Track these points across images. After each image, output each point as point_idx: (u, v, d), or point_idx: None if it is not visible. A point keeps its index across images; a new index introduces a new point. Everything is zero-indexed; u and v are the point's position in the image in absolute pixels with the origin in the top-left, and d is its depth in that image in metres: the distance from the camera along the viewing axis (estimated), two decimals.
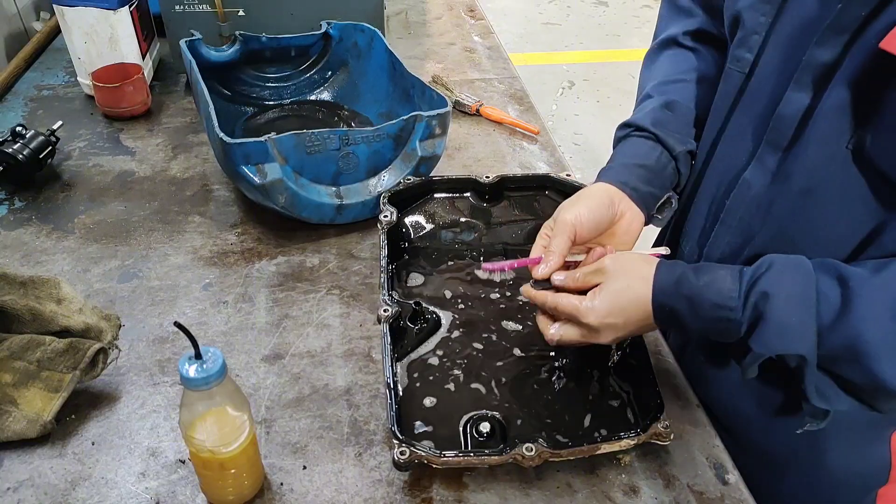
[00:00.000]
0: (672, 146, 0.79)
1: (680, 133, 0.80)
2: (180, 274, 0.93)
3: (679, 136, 0.80)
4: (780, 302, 0.59)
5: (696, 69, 0.83)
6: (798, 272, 0.60)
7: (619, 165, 0.79)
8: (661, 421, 0.67)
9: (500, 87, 1.43)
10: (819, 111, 0.62)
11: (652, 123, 0.80)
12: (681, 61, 0.84)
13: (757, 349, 0.60)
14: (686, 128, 0.81)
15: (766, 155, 0.67)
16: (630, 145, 0.81)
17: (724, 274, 0.63)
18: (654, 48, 0.88)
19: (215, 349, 0.58)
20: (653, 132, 0.79)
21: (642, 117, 0.81)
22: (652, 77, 0.86)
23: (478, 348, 0.80)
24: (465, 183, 0.96)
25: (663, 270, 0.66)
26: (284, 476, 0.69)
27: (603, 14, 4.32)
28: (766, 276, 0.60)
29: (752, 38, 0.68)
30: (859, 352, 0.56)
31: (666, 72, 0.85)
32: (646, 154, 0.79)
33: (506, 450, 0.65)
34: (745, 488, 0.70)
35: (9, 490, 0.67)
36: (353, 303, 0.89)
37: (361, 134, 0.95)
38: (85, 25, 1.23)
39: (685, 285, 0.64)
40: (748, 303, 0.60)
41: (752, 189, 0.69)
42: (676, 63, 0.84)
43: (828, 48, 0.59)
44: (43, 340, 0.74)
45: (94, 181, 1.10)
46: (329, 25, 1.23)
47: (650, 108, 0.81)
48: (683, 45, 0.84)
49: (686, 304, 0.63)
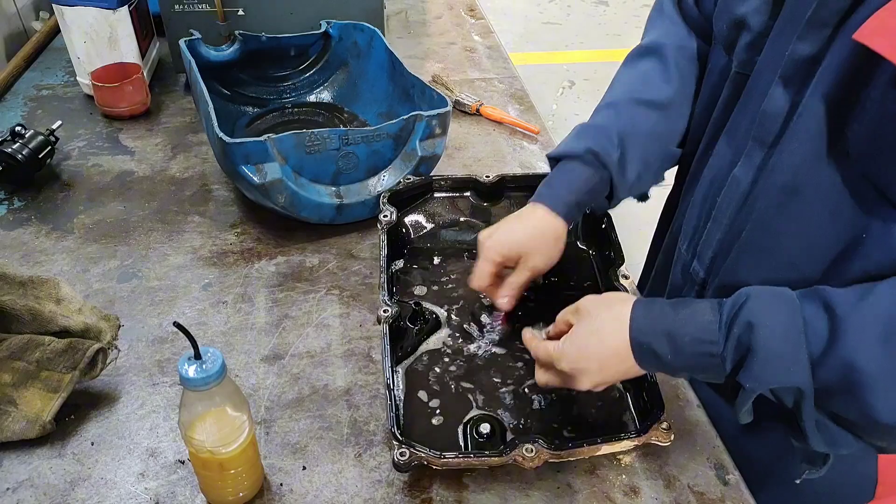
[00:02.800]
0: (616, 189, 0.80)
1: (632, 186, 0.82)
2: (180, 274, 0.93)
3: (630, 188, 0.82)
4: (766, 331, 0.56)
5: (663, 90, 0.82)
6: (780, 301, 0.58)
7: (575, 205, 0.79)
8: (662, 421, 0.67)
9: (501, 87, 1.43)
10: (803, 107, 0.60)
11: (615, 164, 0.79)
12: (653, 76, 0.83)
13: (749, 385, 0.58)
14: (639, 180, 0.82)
15: (753, 151, 0.67)
16: (581, 176, 0.80)
17: (703, 307, 0.61)
18: (637, 52, 0.88)
19: (215, 349, 0.58)
20: (611, 175, 0.79)
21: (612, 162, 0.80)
22: (624, 84, 0.86)
23: (478, 348, 0.80)
24: (465, 182, 0.96)
25: (639, 308, 0.64)
26: (284, 476, 0.69)
27: (603, 14, 4.32)
28: (748, 307, 0.58)
29: (757, 40, 0.67)
30: (853, 382, 0.54)
31: (638, 85, 0.84)
32: (597, 196, 0.81)
33: (506, 451, 0.65)
34: (746, 489, 0.69)
35: (8, 490, 0.67)
36: (352, 303, 0.89)
37: (361, 133, 0.95)
38: (84, 25, 1.23)
39: (662, 321, 0.62)
40: (731, 335, 0.58)
41: (741, 186, 0.69)
42: (649, 76, 0.84)
43: (808, 42, 0.59)
44: (42, 341, 0.74)
45: (94, 181, 1.10)
46: (329, 25, 1.22)
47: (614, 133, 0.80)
48: (664, 56, 0.83)
49: (666, 342, 0.61)
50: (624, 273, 0.81)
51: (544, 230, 0.78)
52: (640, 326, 0.63)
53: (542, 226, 0.78)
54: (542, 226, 0.78)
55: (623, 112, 0.82)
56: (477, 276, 0.79)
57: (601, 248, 0.89)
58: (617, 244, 0.85)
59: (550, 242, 0.78)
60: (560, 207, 0.79)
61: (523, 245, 0.78)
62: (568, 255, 0.92)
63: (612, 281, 0.82)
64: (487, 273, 0.78)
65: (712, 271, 0.75)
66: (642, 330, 0.62)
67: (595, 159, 0.79)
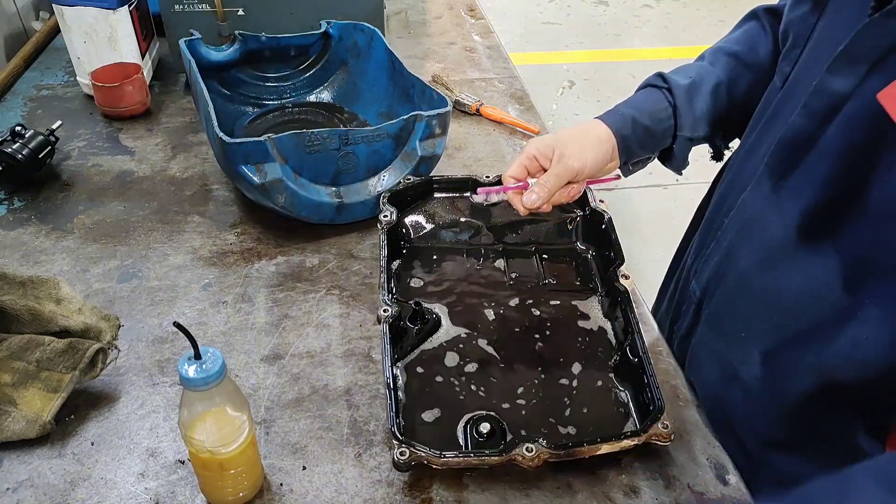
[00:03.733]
0: (681, 127, 0.78)
1: (696, 120, 0.79)
2: (180, 274, 0.93)
3: (694, 122, 0.79)
4: None
5: (754, 49, 0.80)
6: None
7: (630, 119, 0.77)
8: (662, 421, 0.67)
9: (501, 87, 1.43)
10: (824, 147, 0.56)
11: (683, 96, 0.78)
12: (749, 36, 0.82)
13: None
14: (706, 116, 0.79)
15: (764, 178, 0.64)
16: (651, 100, 0.79)
17: None
18: (742, 18, 0.86)
19: (215, 349, 0.58)
20: (676, 105, 0.78)
21: (679, 86, 0.78)
22: (720, 43, 0.84)
23: (478, 348, 0.80)
24: (465, 183, 0.96)
25: None
26: (284, 476, 0.69)
27: (603, 14, 4.32)
28: None
29: (793, 52, 0.64)
30: None
31: (732, 43, 0.82)
32: (657, 121, 0.78)
33: (506, 450, 0.65)
34: (746, 489, 0.69)
35: (8, 490, 0.67)
36: (352, 303, 0.89)
37: (361, 134, 0.95)
38: (84, 25, 1.23)
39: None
40: None
41: (746, 211, 0.66)
42: (744, 36, 0.82)
43: (840, 77, 0.54)
44: (42, 341, 0.74)
45: (94, 181, 1.10)
46: (329, 25, 1.22)
47: (694, 75, 0.79)
48: (762, 21, 0.82)
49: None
50: (624, 273, 0.81)
51: (586, 130, 0.77)
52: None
53: (586, 127, 0.77)
54: (586, 127, 0.77)
55: (708, 58, 0.82)
56: (509, 167, 0.77)
57: (601, 248, 0.89)
58: (617, 244, 0.85)
59: (587, 140, 0.75)
60: (612, 118, 0.77)
61: (560, 139, 0.75)
62: (568, 255, 0.92)
63: (613, 281, 0.82)
64: (519, 164, 0.76)
65: (707, 293, 0.74)
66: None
67: (662, 81, 0.78)
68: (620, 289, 0.80)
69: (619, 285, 0.80)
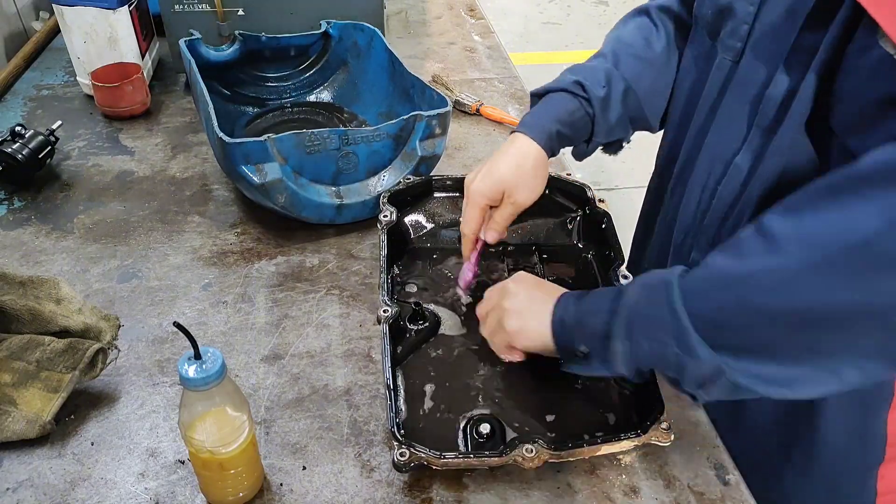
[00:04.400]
0: (597, 134, 0.83)
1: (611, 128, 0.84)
2: (180, 274, 0.93)
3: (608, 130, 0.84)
4: None
5: (651, 47, 0.85)
6: None
7: (556, 134, 0.80)
8: (662, 421, 0.67)
9: (501, 87, 1.43)
10: (801, 91, 0.62)
11: (599, 106, 0.81)
12: (644, 34, 0.86)
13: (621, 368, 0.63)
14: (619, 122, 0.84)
15: (756, 138, 0.68)
16: (571, 110, 0.81)
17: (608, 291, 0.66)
18: (630, 13, 0.91)
19: (215, 349, 0.58)
20: (594, 112, 0.81)
21: (596, 97, 0.81)
22: (614, 39, 0.88)
23: (478, 348, 0.80)
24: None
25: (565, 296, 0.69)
26: (284, 476, 0.69)
27: (603, 14, 4.31)
28: None
29: (741, 28, 0.68)
30: None
31: (628, 40, 0.87)
32: (576, 130, 0.82)
33: (506, 451, 0.65)
34: (746, 489, 0.69)
35: (8, 490, 0.67)
36: (352, 303, 0.89)
37: (361, 134, 0.95)
38: (84, 25, 1.23)
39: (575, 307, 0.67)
40: None
41: (742, 173, 0.70)
42: (639, 33, 0.86)
43: (812, 31, 0.60)
44: (42, 341, 0.74)
45: (94, 181, 1.10)
46: (329, 25, 1.22)
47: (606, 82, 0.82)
48: (653, 18, 0.86)
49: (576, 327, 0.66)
50: (624, 273, 0.81)
51: (524, 161, 0.79)
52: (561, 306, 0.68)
53: (522, 157, 0.79)
54: (522, 157, 0.79)
55: (610, 58, 0.85)
56: (466, 220, 0.80)
57: (601, 248, 0.89)
58: (617, 244, 0.85)
59: (530, 174, 0.79)
60: (540, 135, 0.79)
61: (505, 181, 0.78)
62: (568, 255, 0.92)
63: (613, 281, 0.82)
64: (475, 217, 0.79)
65: None
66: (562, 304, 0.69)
67: (581, 90, 0.81)
68: None
69: (619, 285, 0.80)
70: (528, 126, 0.80)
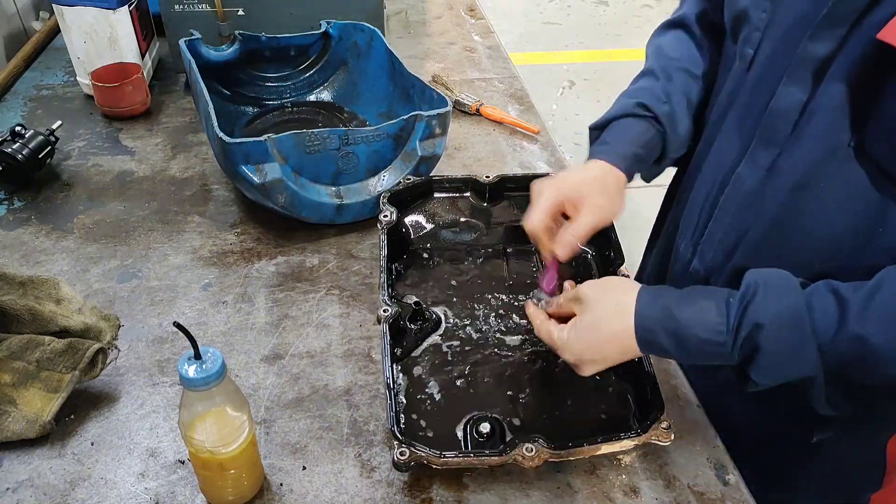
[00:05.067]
0: (668, 151, 0.80)
1: (682, 142, 0.81)
2: (180, 274, 0.93)
3: (679, 145, 0.81)
4: (773, 331, 0.57)
5: (695, 60, 0.82)
6: (786, 293, 0.58)
7: (633, 157, 0.77)
8: (662, 421, 0.67)
9: (500, 87, 1.43)
10: (816, 106, 0.61)
11: (668, 122, 0.79)
12: (685, 47, 0.83)
13: (759, 380, 0.59)
14: (687, 135, 0.81)
15: (758, 150, 0.67)
16: (642, 131, 0.78)
17: (708, 306, 0.60)
18: (665, 24, 0.88)
19: (215, 349, 0.58)
20: (664, 129, 0.78)
21: (663, 112, 0.79)
22: (658, 54, 0.85)
23: (478, 348, 0.80)
24: (465, 183, 0.96)
25: (644, 303, 0.63)
26: (284, 476, 0.69)
27: (603, 13, 4.32)
28: (755, 305, 0.58)
29: (753, 35, 0.68)
30: (868, 356, 0.55)
31: (673, 54, 0.83)
32: (651, 150, 0.79)
33: (506, 450, 0.65)
34: (746, 489, 0.69)
35: (8, 490, 0.67)
36: (352, 303, 0.89)
37: (361, 133, 0.95)
38: (84, 25, 1.23)
39: (669, 322, 0.61)
40: (739, 336, 0.58)
41: (745, 185, 0.69)
42: (681, 47, 0.83)
43: (823, 42, 0.59)
44: (42, 341, 0.74)
45: (94, 181, 1.10)
46: (329, 25, 1.22)
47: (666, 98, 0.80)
48: (692, 29, 0.84)
49: (672, 341, 0.61)
50: (624, 273, 0.81)
51: (605, 178, 0.74)
52: (644, 323, 0.63)
53: (602, 174, 0.74)
54: (602, 174, 0.74)
55: (661, 75, 0.81)
56: (533, 214, 0.72)
57: (601, 248, 0.89)
58: (617, 244, 0.85)
59: (613, 188, 0.74)
60: (619, 159, 0.75)
61: (585, 186, 0.72)
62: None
63: None
64: (545, 210, 0.71)
65: (714, 271, 0.75)
66: (647, 326, 0.62)
67: (647, 111, 0.78)
68: None
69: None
70: (603, 152, 0.76)
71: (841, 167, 0.61)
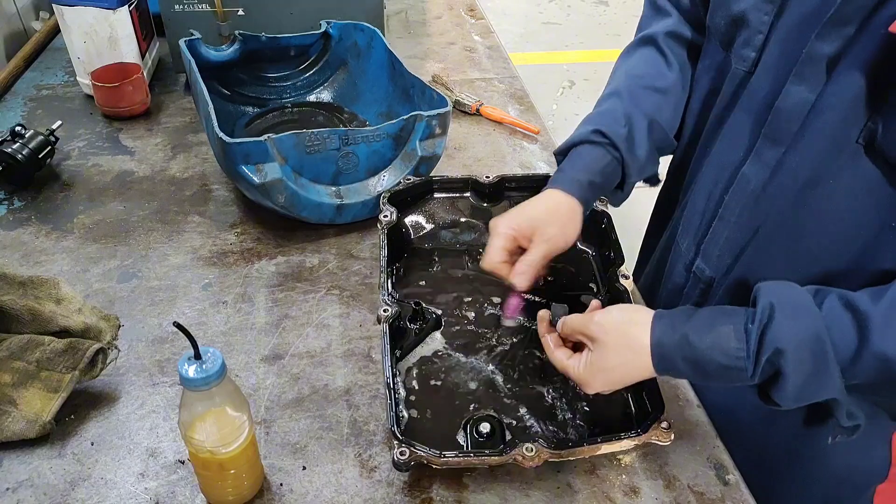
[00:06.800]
0: (629, 175, 0.80)
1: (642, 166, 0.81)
2: (179, 274, 0.93)
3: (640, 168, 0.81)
4: (794, 355, 0.56)
5: (664, 75, 0.83)
6: (803, 314, 0.57)
7: (588, 184, 0.78)
8: (662, 421, 0.67)
9: (501, 87, 1.43)
10: (823, 103, 0.61)
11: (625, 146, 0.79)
12: (653, 64, 0.84)
13: (783, 404, 0.59)
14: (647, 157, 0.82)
15: (764, 149, 0.67)
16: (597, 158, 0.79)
17: (727, 332, 0.59)
18: (633, 43, 0.88)
19: (215, 349, 0.58)
20: (621, 154, 0.79)
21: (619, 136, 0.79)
22: (625, 73, 0.86)
23: (478, 348, 0.80)
24: (465, 183, 0.96)
25: (660, 333, 0.62)
26: (284, 476, 0.69)
27: (603, 13, 4.32)
28: (773, 329, 0.57)
29: (756, 37, 0.68)
30: (892, 373, 0.55)
31: (639, 72, 0.84)
32: (607, 177, 0.80)
33: (506, 450, 0.65)
34: (746, 489, 0.69)
35: (8, 490, 0.67)
36: (352, 303, 0.89)
37: (361, 133, 0.95)
38: (84, 25, 1.23)
39: (687, 349, 0.61)
40: (760, 361, 0.58)
41: (750, 184, 0.69)
42: (647, 65, 0.84)
43: (830, 41, 0.59)
44: (42, 341, 0.74)
45: (94, 181, 1.10)
46: (329, 25, 1.22)
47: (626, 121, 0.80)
48: (660, 46, 0.84)
49: (691, 368, 0.61)
50: (624, 273, 0.81)
51: (558, 207, 0.76)
52: (662, 352, 0.62)
53: (555, 203, 0.76)
54: (555, 203, 0.76)
55: (625, 96, 0.82)
56: (489, 253, 0.75)
57: (601, 248, 0.89)
58: (617, 244, 0.85)
59: (565, 217, 0.76)
60: (573, 187, 0.77)
61: (536, 219, 0.75)
62: (568, 255, 0.92)
63: (613, 281, 0.82)
64: (500, 248, 0.74)
65: (720, 269, 0.75)
66: (665, 356, 0.62)
67: (603, 137, 0.78)
68: (620, 289, 0.80)
69: (620, 285, 0.80)
70: (558, 181, 0.78)
71: (850, 163, 0.61)
